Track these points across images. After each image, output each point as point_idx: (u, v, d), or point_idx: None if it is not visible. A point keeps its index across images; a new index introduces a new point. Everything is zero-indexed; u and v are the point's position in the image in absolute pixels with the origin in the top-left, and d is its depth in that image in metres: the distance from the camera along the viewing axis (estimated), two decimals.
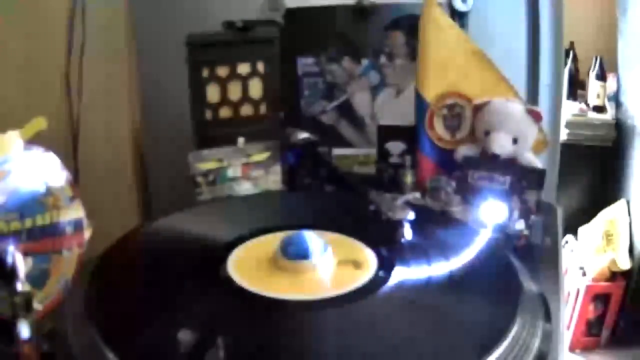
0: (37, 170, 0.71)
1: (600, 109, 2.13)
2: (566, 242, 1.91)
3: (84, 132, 1.11)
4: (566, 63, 2.03)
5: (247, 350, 0.56)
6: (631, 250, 1.80)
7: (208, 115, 1.09)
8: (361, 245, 0.76)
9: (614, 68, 2.06)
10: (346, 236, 0.79)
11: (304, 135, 1.06)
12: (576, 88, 2.24)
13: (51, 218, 0.70)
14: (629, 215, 1.86)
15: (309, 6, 1.21)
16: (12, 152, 0.70)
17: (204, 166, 1.00)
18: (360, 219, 0.84)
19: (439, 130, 1.04)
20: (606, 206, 1.93)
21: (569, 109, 2.08)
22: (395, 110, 1.23)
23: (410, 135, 1.06)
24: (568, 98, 2.11)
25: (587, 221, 1.95)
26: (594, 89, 2.16)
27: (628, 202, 1.88)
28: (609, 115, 2.08)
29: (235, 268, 0.70)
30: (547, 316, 0.65)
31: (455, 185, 0.94)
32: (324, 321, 0.62)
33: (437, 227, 0.84)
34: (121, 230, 0.81)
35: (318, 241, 0.71)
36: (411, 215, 0.80)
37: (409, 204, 0.84)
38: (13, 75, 1.02)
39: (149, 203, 1.24)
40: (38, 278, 0.68)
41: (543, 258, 0.83)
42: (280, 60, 1.11)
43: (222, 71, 1.08)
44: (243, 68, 1.09)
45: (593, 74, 2.17)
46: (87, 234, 0.73)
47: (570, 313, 1.78)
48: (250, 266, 0.71)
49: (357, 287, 0.66)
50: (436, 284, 0.69)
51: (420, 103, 1.04)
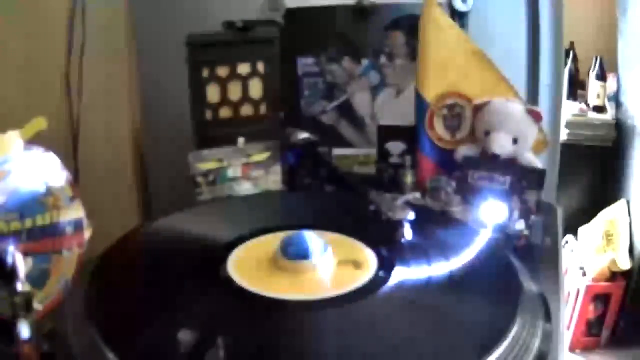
0: (37, 170, 0.71)
1: (600, 109, 2.13)
2: (566, 242, 1.91)
3: (84, 132, 1.11)
4: (566, 63, 2.03)
5: (247, 350, 0.56)
6: (631, 250, 1.80)
7: (208, 115, 1.09)
8: (361, 245, 0.76)
9: (614, 68, 2.06)
10: (346, 236, 0.78)
11: (304, 135, 1.06)
12: (576, 88, 2.24)
13: (51, 218, 0.70)
14: (629, 215, 1.86)
15: (309, 6, 1.21)
16: (12, 152, 0.70)
17: (204, 166, 1.00)
18: (360, 219, 0.84)
19: (439, 130, 1.04)
20: (606, 206, 1.93)
21: (569, 109, 2.08)
22: (395, 110, 1.23)
23: (410, 135, 1.06)
24: (568, 98, 2.11)
25: (587, 221, 1.95)
26: (594, 89, 2.16)
27: (628, 202, 1.88)
28: (609, 115, 2.08)
29: (235, 268, 0.70)
30: (547, 316, 0.65)
31: (455, 185, 0.94)
32: (324, 321, 0.62)
33: (437, 227, 0.84)
34: (121, 230, 0.81)
35: (318, 241, 0.71)
36: (411, 215, 0.80)
37: (409, 204, 0.84)
38: (13, 75, 1.02)
39: (149, 203, 1.24)
40: (38, 278, 0.68)
41: (543, 258, 0.83)
42: (280, 60, 1.11)
43: (222, 71, 1.08)
44: (243, 68, 1.09)
45: (593, 74, 2.17)
46: (87, 234, 0.73)
47: (570, 313, 1.78)
48: (250, 266, 0.71)
49: (357, 287, 0.66)
50: (436, 284, 0.69)
51: (420, 103, 1.04)
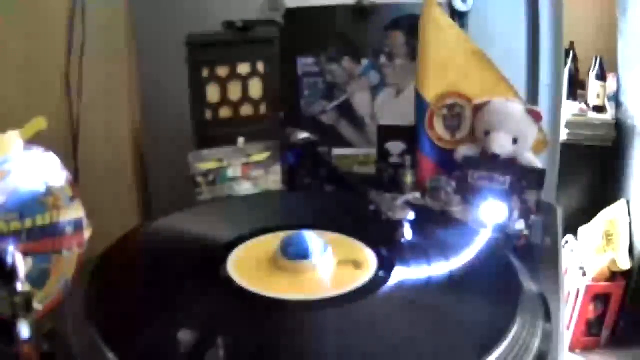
0: (37, 170, 0.71)
1: (600, 109, 2.13)
2: (566, 242, 1.91)
3: (84, 132, 1.11)
4: (566, 63, 2.03)
5: (247, 350, 0.56)
6: (631, 250, 1.80)
7: (208, 115, 1.09)
8: (361, 245, 0.76)
9: (614, 68, 2.06)
10: (346, 236, 0.78)
11: (304, 135, 1.06)
12: (576, 88, 2.24)
13: (51, 218, 0.70)
14: (629, 215, 1.85)
15: (309, 6, 1.21)
16: (12, 152, 0.70)
17: (204, 166, 1.00)
18: (360, 219, 0.84)
19: (439, 130, 1.04)
20: (606, 206, 1.93)
21: (569, 109, 2.08)
22: (395, 110, 1.23)
23: (410, 135, 1.06)
24: (568, 98, 2.11)
25: (587, 221, 1.95)
26: (594, 89, 2.16)
27: (628, 202, 1.88)
28: (609, 115, 2.08)
29: (235, 268, 0.70)
30: (547, 316, 0.65)
31: (455, 185, 0.94)
32: (324, 321, 0.62)
33: (437, 227, 0.84)
34: (121, 230, 0.81)
35: (318, 241, 0.71)
36: (411, 215, 0.80)
37: (409, 204, 0.84)
38: (13, 75, 1.02)
39: (149, 203, 1.24)
40: (38, 278, 0.68)
41: (543, 258, 0.83)
42: (280, 60, 1.11)
43: (222, 71, 1.08)
44: (243, 68, 1.09)
45: (593, 74, 2.17)
46: (87, 234, 0.73)
47: (570, 313, 1.78)
48: (250, 266, 0.71)
49: (357, 287, 0.66)
50: (436, 284, 0.69)
51: (420, 103, 1.04)
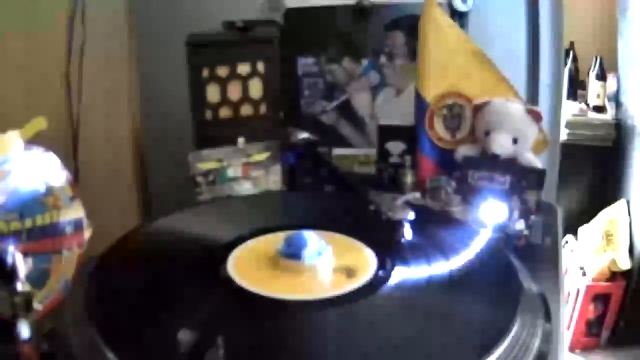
0: (37, 170, 0.71)
1: (600, 109, 2.13)
2: (566, 242, 1.91)
3: (84, 132, 1.11)
4: (566, 63, 2.03)
5: (247, 350, 0.56)
6: (631, 250, 1.80)
7: (208, 115, 1.09)
8: (361, 245, 0.76)
9: (614, 68, 2.06)
10: (346, 236, 0.78)
11: (304, 135, 1.06)
12: (576, 88, 2.24)
13: (51, 218, 0.70)
14: (629, 215, 1.85)
15: (309, 6, 1.21)
16: (12, 152, 0.70)
17: (204, 166, 1.00)
18: (360, 219, 0.84)
19: (439, 130, 1.04)
20: (606, 206, 1.93)
21: (569, 109, 2.08)
22: (395, 110, 1.22)
23: (410, 135, 1.06)
24: (568, 98, 2.11)
25: (587, 221, 1.95)
26: (594, 89, 2.16)
27: (628, 202, 1.88)
28: (609, 115, 2.08)
29: (235, 268, 0.70)
30: (547, 316, 0.65)
31: (455, 185, 0.93)
32: (324, 321, 0.62)
33: (437, 227, 0.84)
34: (121, 230, 0.81)
35: (318, 241, 0.71)
36: (411, 215, 0.80)
37: (409, 204, 0.84)
38: (13, 75, 1.02)
39: (149, 203, 1.24)
40: (38, 278, 0.68)
41: (543, 258, 0.83)
42: (280, 60, 1.11)
43: (222, 71, 1.08)
44: (243, 68, 1.09)
45: (593, 74, 2.17)
46: (87, 234, 0.73)
47: (570, 313, 1.78)
48: (250, 266, 0.71)
49: (357, 287, 0.66)
50: (436, 284, 0.68)
51: (420, 103, 1.04)
